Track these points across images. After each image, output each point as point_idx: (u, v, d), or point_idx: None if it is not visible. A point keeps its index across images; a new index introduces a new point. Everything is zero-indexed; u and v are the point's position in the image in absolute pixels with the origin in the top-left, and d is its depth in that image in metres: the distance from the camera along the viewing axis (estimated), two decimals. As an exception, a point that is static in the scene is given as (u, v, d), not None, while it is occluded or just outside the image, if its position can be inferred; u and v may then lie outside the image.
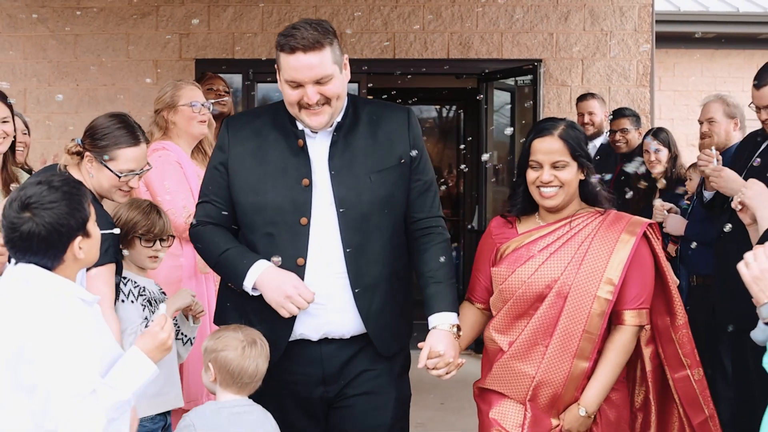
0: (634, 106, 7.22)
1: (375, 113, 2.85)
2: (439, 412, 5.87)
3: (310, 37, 2.61)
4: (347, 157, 2.75)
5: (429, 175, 2.87)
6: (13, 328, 2.21)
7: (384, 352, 2.81)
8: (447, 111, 12.24)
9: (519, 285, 2.84)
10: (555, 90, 7.34)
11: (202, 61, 7.21)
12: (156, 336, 2.37)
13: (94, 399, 2.17)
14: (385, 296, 2.78)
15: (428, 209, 2.85)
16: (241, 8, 7.23)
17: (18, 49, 7.29)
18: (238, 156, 2.78)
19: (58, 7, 7.25)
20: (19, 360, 2.18)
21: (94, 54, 7.28)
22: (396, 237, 2.81)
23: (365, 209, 2.72)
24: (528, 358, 2.82)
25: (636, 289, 2.80)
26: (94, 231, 2.37)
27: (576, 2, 7.38)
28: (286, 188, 2.71)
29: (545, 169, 2.84)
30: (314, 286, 2.68)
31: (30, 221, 2.23)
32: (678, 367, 2.93)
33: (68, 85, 7.21)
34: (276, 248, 2.70)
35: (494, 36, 7.40)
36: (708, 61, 11.12)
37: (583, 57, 7.40)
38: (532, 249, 2.88)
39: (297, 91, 2.66)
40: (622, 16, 7.38)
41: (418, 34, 7.38)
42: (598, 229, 2.84)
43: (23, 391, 2.18)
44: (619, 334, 2.82)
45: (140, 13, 7.26)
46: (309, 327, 2.74)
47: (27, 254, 2.28)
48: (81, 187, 2.42)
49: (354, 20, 7.32)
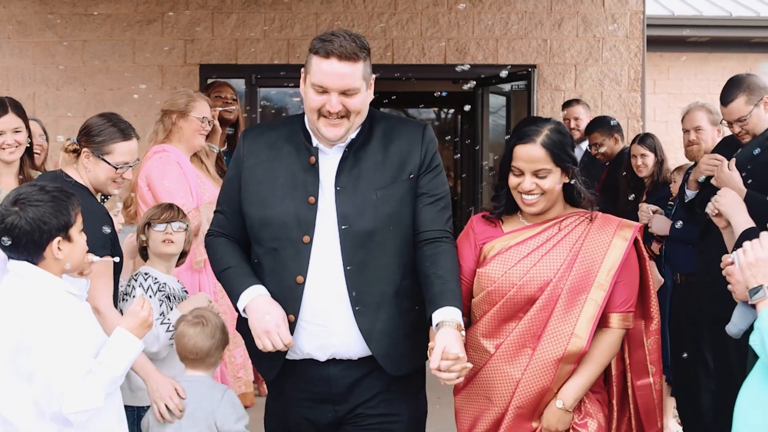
0: (626, 110, 7.50)
1: (389, 129, 2.80)
2: (436, 407, 6.06)
3: (348, 47, 2.61)
4: (355, 174, 2.71)
5: (441, 190, 2.79)
6: (12, 319, 2.47)
7: (393, 373, 2.74)
8: (445, 114, 12.46)
9: (509, 287, 2.76)
10: (549, 94, 7.55)
11: (206, 66, 7.42)
12: (138, 314, 2.63)
13: (91, 377, 2.44)
14: (390, 315, 2.71)
15: (433, 222, 2.75)
16: (243, 15, 7.44)
17: (27, 55, 7.51)
18: (250, 168, 2.77)
19: (67, 14, 7.47)
20: (19, 349, 2.44)
21: (101, 59, 7.50)
22: (403, 255, 2.73)
23: (369, 226, 2.67)
24: (514, 361, 2.76)
25: (625, 293, 2.77)
26: (77, 238, 2.60)
27: (569, 9, 7.58)
28: (293, 205, 2.69)
29: (526, 177, 2.78)
30: (314, 305, 2.67)
31: (15, 214, 2.49)
32: (642, 373, 2.89)
33: (76, 90, 7.45)
34: (279, 264, 2.70)
35: (490, 42, 7.60)
36: (702, 64, 11.26)
37: (576, 62, 7.60)
38: (521, 250, 2.80)
39: (321, 98, 2.64)
40: (614, 23, 7.60)
41: (416, 41, 7.59)
42: (588, 231, 2.79)
43: (23, 378, 2.44)
44: (606, 335, 2.78)
45: (146, 20, 7.48)
46: (313, 347, 2.72)
47: (12, 248, 2.53)
48: (72, 196, 2.65)
49: (353, 27, 7.48)
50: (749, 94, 4.00)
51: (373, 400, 2.75)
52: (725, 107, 4.02)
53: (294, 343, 2.67)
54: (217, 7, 7.46)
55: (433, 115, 12.71)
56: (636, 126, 7.48)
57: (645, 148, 5.17)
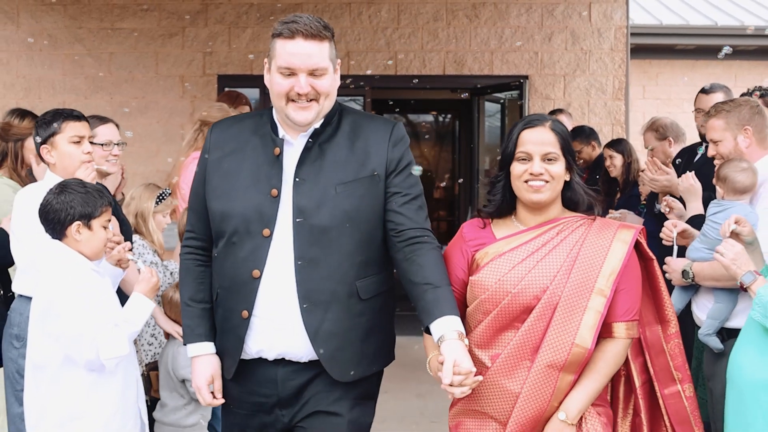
0: (611, 118, 8.00)
1: (358, 124, 2.70)
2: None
3: (313, 26, 2.53)
4: (317, 166, 2.60)
5: (414, 190, 2.67)
6: (43, 289, 3.06)
7: (337, 378, 2.61)
8: (443, 119, 12.96)
9: (504, 295, 2.59)
10: (540, 103, 8.00)
11: (223, 76, 7.91)
12: (149, 281, 3.20)
13: (118, 330, 3.04)
14: (339, 316, 2.58)
15: (411, 220, 2.62)
16: (258, 30, 7.94)
17: (58, 66, 8.01)
18: (215, 162, 2.69)
19: (95, 29, 7.98)
20: (48, 314, 3.02)
21: (126, 70, 7.99)
22: (359, 254, 2.60)
23: (324, 221, 2.56)
24: (513, 374, 2.59)
25: (628, 301, 2.60)
26: (98, 230, 3.13)
27: (558, 24, 8.04)
28: (255, 198, 2.60)
29: (536, 160, 2.62)
30: (266, 301, 2.58)
31: (52, 194, 3.11)
32: (668, 381, 2.73)
33: (103, 98, 7.92)
34: (237, 258, 2.60)
35: (485, 54, 8.05)
36: (689, 70, 11.53)
37: (565, 73, 8.05)
38: (515, 256, 2.63)
39: (288, 81, 2.55)
40: (599, 37, 8.04)
41: (417, 53, 8.05)
42: (586, 235, 2.64)
43: (52, 338, 3.02)
44: (610, 345, 2.60)
45: (168, 34, 7.98)
46: (262, 344, 2.64)
47: (45, 224, 3.10)
48: (105, 197, 3.18)
49: (360, 40, 7.98)
50: (726, 94, 4.58)
51: (314, 398, 2.65)
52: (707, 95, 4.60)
53: (245, 347, 2.65)
54: (234, 22, 7.94)
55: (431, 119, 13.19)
56: (620, 132, 7.95)
57: (613, 151, 5.84)
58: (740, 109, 3.72)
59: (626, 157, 5.78)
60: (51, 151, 3.54)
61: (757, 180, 3.52)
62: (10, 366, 3.55)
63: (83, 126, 3.59)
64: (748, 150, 3.67)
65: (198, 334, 2.74)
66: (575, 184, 2.70)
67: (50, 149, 3.54)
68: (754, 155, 3.66)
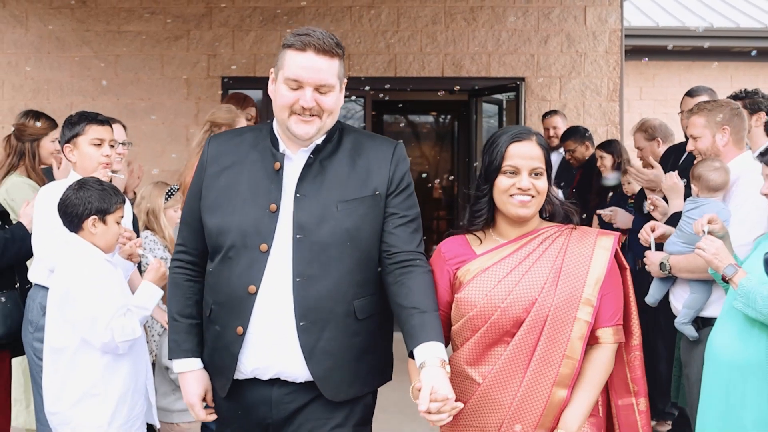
0: (605, 119, 8.17)
1: (359, 142, 2.67)
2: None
3: (326, 41, 2.51)
4: (318, 182, 2.57)
5: (411, 212, 2.65)
6: (61, 277, 3.30)
7: (331, 397, 2.58)
8: (444, 119, 13.17)
9: (493, 310, 2.57)
10: (536, 104, 8.17)
11: (227, 78, 8.08)
12: (158, 270, 3.46)
13: (130, 314, 3.28)
14: (336, 335, 2.55)
15: (405, 242, 2.60)
16: (261, 33, 8.12)
17: (65, 68, 8.18)
18: (212, 176, 2.66)
19: (101, 32, 8.16)
20: (65, 301, 3.26)
21: (132, 72, 8.16)
22: (358, 273, 2.57)
23: (325, 239, 2.52)
24: (505, 388, 2.57)
25: (612, 307, 2.60)
26: (111, 225, 3.37)
27: (554, 27, 8.21)
28: (253, 212, 2.56)
29: (524, 175, 2.62)
30: (262, 318, 2.54)
31: (71, 190, 3.35)
32: (623, 393, 2.70)
33: (110, 100, 8.09)
34: (233, 273, 2.56)
35: (483, 57, 8.22)
36: (686, 72, 11.65)
37: (560, 75, 8.23)
38: (500, 270, 2.62)
39: (294, 93, 2.52)
40: (594, 40, 8.22)
41: (417, 55, 8.22)
42: (567, 244, 2.64)
43: (69, 323, 3.26)
44: (597, 352, 2.60)
45: (173, 37, 8.16)
46: (257, 363, 2.59)
47: (63, 217, 3.33)
48: (119, 193, 3.43)
49: (360, 43, 8.17)
50: (710, 96, 4.79)
51: (308, 424, 2.61)
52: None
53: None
54: (237, 25, 8.13)
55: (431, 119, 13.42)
56: (614, 132, 8.13)
57: (603, 151, 6.11)
58: (721, 109, 3.97)
59: (616, 158, 6.02)
60: (73, 151, 3.81)
61: (729, 178, 3.77)
62: (29, 350, 3.80)
63: (105, 130, 3.84)
64: (724, 149, 3.92)
65: (185, 349, 2.71)
66: (551, 195, 2.72)
67: (72, 149, 3.81)
68: (729, 154, 3.91)
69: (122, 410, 3.29)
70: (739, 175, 3.79)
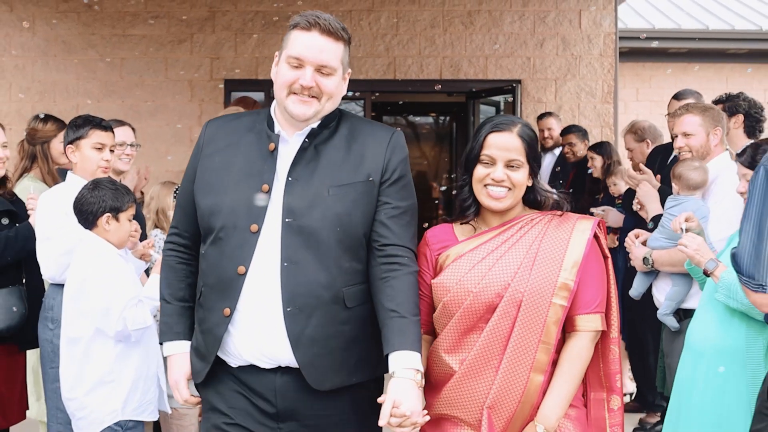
0: (600, 120, 8.37)
1: (357, 127, 2.63)
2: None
3: (333, 24, 2.50)
4: (311, 167, 2.54)
5: (406, 203, 2.59)
6: (76, 271, 3.50)
7: (315, 385, 2.52)
8: (443, 120, 13.36)
9: (465, 295, 2.54)
10: (532, 106, 8.37)
11: (230, 81, 8.28)
12: None
13: (142, 305, 3.47)
14: (323, 322, 2.49)
15: (396, 236, 2.54)
16: (263, 36, 8.32)
17: (71, 71, 8.39)
18: (207, 156, 2.64)
19: (107, 35, 8.36)
20: (80, 293, 3.46)
21: (137, 75, 8.36)
22: (347, 260, 2.52)
23: (314, 223, 2.48)
24: (481, 376, 2.53)
25: (590, 291, 2.54)
26: (124, 222, 3.58)
27: (550, 31, 8.40)
28: (245, 192, 2.53)
29: (498, 166, 2.58)
30: (250, 301, 2.51)
31: (87, 190, 3.57)
32: (596, 386, 2.66)
33: (115, 102, 8.29)
34: (223, 254, 2.53)
35: (480, 59, 8.41)
36: (682, 73, 11.85)
37: (556, 78, 8.43)
38: (476, 255, 2.59)
39: (294, 72, 2.49)
40: (589, 43, 8.41)
41: (415, 58, 8.41)
42: (546, 229, 2.59)
43: (83, 314, 3.46)
44: (574, 340, 2.55)
45: (177, 40, 8.36)
46: (248, 351, 2.55)
47: (78, 215, 3.54)
48: (130, 193, 3.64)
49: (360, 46, 8.38)
50: (696, 99, 5.01)
51: (319, 418, 2.58)
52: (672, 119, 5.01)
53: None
54: (240, 29, 8.32)
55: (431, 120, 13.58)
56: (609, 134, 8.33)
57: (594, 153, 6.35)
58: (713, 111, 4.21)
59: (606, 159, 6.24)
60: (75, 152, 4.00)
61: (708, 177, 4.00)
62: (45, 346, 4.00)
63: (107, 135, 4.04)
64: (715, 148, 4.16)
65: (176, 332, 2.71)
66: (538, 187, 2.67)
67: (74, 150, 4.00)
68: (714, 153, 4.15)
69: (135, 396, 3.50)
70: (717, 174, 4.02)
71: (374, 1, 8.42)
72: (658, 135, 6.01)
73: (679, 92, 5.53)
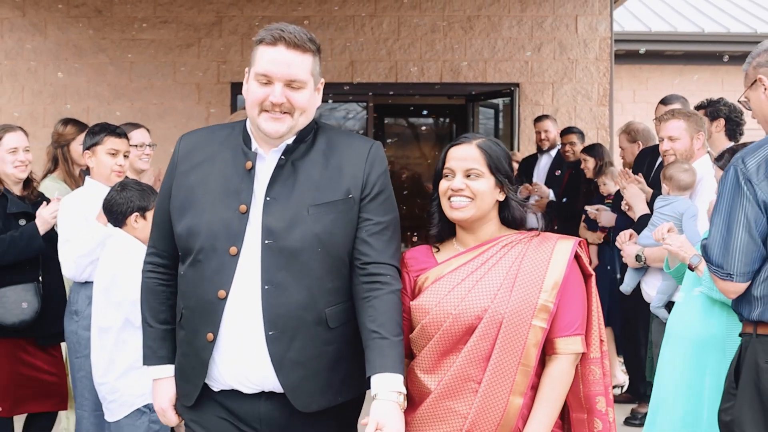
0: (596, 122, 8.63)
1: (334, 140, 2.56)
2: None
3: (298, 36, 2.42)
4: (289, 185, 2.47)
5: (387, 217, 2.53)
6: (107, 266, 3.77)
7: (301, 408, 2.47)
8: (443, 122, 13.62)
9: (445, 318, 2.51)
10: (530, 108, 8.60)
11: (236, 84, 8.42)
12: None
13: None
14: (306, 344, 2.45)
15: (378, 252, 2.49)
16: None
17: (82, 74, 8.63)
18: (182, 174, 2.57)
19: (116, 39, 8.61)
20: (111, 285, 3.72)
21: (146, 78, 8.60)
22: (330, 281, 2.47)
23: (295, 244, 2.42)
24: (459, 396, 2.50)
25: (570, 314, 2.52)
26: (150, 219, 3.70)
27: (547, 36, 8.65)
28: (223, 213, 2.47)
29: (457, 176, 2.58)
30: (232, 325, 2.46)
31: (115, 191, 3.84)
32: (577, 407, 2.62)
33: (124, 104, 8.54)
34: (202, 277, 2.47)
35: (479, 63, 8.64)
36: (678, 75, 12.07)
37: (553, 81, 8.66)
38: (455, 277, 2.56)
39: (264, 89, 2.43)
40: (585, 47, 8.66)
41: (416, 62, 8.64)
42: (526, 250, 2.56)
43: (114, 306, 3.71)
44: (554, 364, 2.51)
45: (185, 44, 8.60)
46: (229, 371, 2.50)
47: (108, 215, 3.81)
48: (155, 192, 3.84)
49: (363, 50, 8.61)
50: (683, 105, 5.29)
51: None
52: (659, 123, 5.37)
53: (208, 378, 2.55)
54: (246, 33, 8.54)
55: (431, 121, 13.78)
56: (604, 135, 8.59)
57: (586, 155, 6.63)
58: (696, 117, 4.54)
59: (598, 160, 6.53)
60: (92, 157, 4.29)
61: (696, 179, 4.31)
62: (71, 338, 4.27)
63: (122, 142, 4.33)
64: (698, 152, 4.48)
65: (160, 356, 2.66)
66: (512, 202, 2.63)
67: (91, 155, 4.29)
68: (697, 156, 4.47)
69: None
70: (702, 176, 4.33)
71: (377, 6, 8.64)
72: (650, 138, 6.27)
73: (666, 97, 5.81)
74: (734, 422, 2.89)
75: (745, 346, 2.93)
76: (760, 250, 2.80)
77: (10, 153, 4.48)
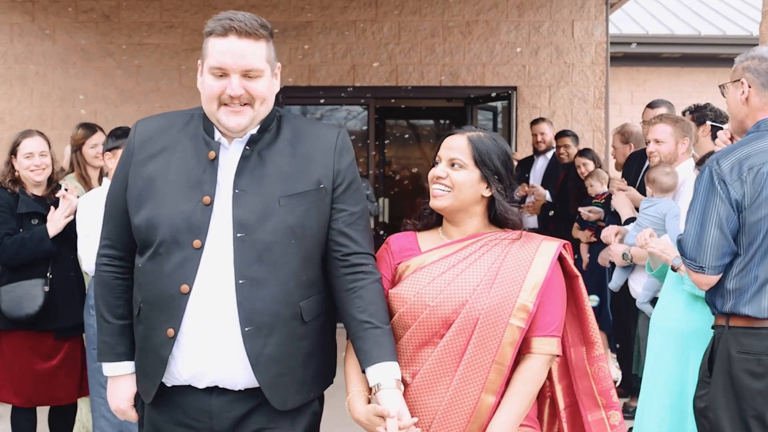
0: (592, 125, 8.81)
1: (299, 129, 2.50)
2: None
3: (248, 23, 2.32)
4: (257, 176, 2.40)
5: (360, 207, 2.50)
6: None
7: (278, 406, 2.42)
8: (443, 123, 13.81)
9: (422, 308, 2.49)
10: (527, 111, 8.76)
11: None
12: None
13: None
14: (283, 340, 2.39)
15: (357, 243, 2.47)
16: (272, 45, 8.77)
17: (90, 78, 8.80)
18: (139, 164, 2.46)
19: (124, 43, 8.77)
20: None
21: (152, 81, 8.77)
22: (304, 273, 2.42)
23: (268, 237, 2.36)
24: (433, 391, 2.47)
25: (549, 315, 2.50)
26: None
27: (544, 40, 8.82)
28: (185, 205, 2.38)
29: (441, 164, 2.56)
30: (197, 321, 2.37)
31: None
32: (593, 407, 2.61)
33: (131, 107, 8.69)
34: (163, 270, 2.38)
35: (478, 67, 8.80)
36: (675, 77, 12.32)
37: (550, 84, 8.82)
38: (436, 269, 2.53)
39: (220, 83, 2.34)
40: (581, 52, 8.83)
41: (416, 66, 8.79)
42: (509, 248, 2.53)
43: None
44: (527, 362, 2.49)
45: (190, 48, 8.75)
46: (193, 369, 2.41)
47: None
48: None
49: (364, 54, 8.77)
50: (669, 109, 5.49)
51: None
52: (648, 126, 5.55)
53: (169, 370, 2.45)
54: None
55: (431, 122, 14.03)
56: (600, 138, 8.77)
57: (583, 158, 6.83)
58: (683, 123, 4.74)
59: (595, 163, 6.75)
60: (111, 159, 4.45)
61: (678, 181, 4.56)
62: (88, 330, 4.50)
63: None
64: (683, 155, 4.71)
65: (117, 353, 2.56)
66: (498, 202, 2.58)
67: (111, 157, 4.45)
68: (681, 159, 4.71)
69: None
70: (684, 179, 4.57)
71: (377, 11, 8.78)
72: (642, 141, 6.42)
73: (653, 102, 6.02)
74: (708, 408, 3.12)
75: (717, 337, 3.16)
76: (730, 246, 3.04)
77: (26, 158, 4.67)
